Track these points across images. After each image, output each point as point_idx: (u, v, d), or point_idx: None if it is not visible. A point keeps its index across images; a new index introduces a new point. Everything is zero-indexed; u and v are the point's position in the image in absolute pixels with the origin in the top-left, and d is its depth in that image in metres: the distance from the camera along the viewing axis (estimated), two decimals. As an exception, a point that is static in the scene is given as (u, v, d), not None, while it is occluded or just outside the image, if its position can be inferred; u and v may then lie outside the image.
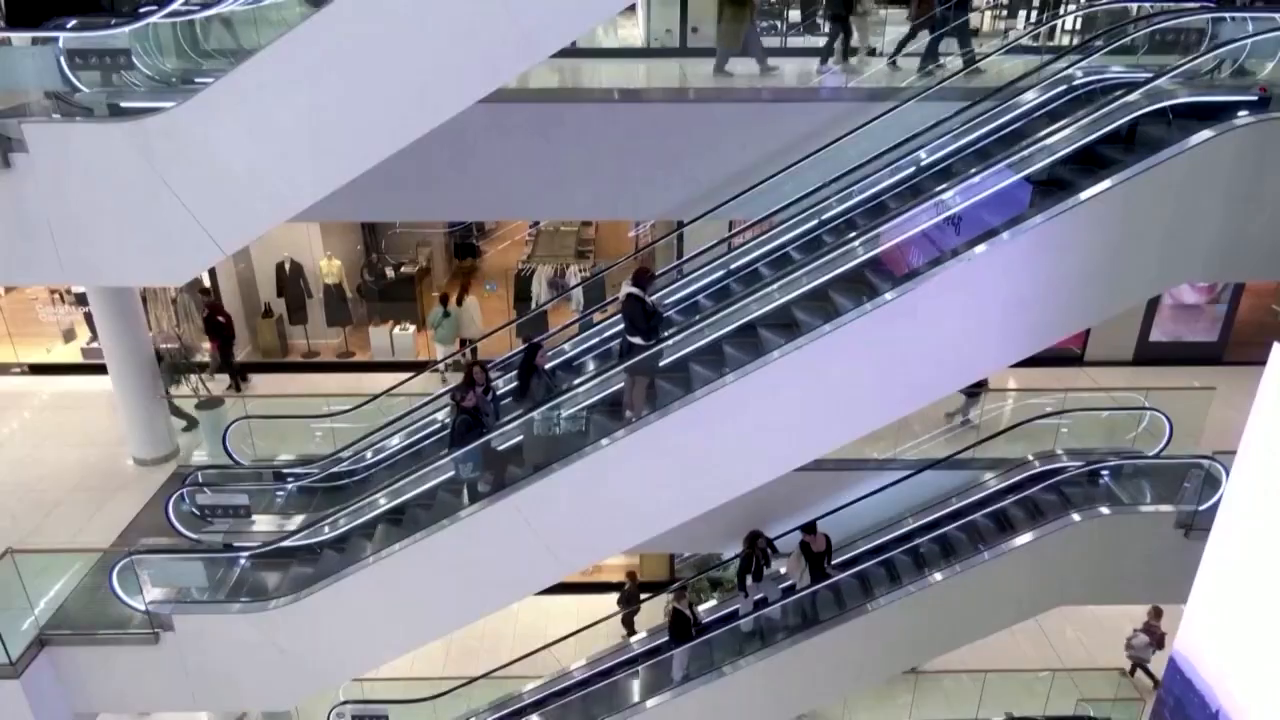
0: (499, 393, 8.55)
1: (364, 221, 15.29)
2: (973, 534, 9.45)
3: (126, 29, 6.65)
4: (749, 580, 9.25)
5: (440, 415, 9.60)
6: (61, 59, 6.52)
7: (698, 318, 7.85)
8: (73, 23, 7.23)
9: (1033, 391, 10.51)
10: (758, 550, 9.19)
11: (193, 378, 12.17)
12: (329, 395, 10.69)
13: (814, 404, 7.10)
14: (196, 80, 7.24)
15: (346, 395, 10.35)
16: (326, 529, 8.73)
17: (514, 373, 8.39)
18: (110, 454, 10.91)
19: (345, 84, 5.97)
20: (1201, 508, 8.50)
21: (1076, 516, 8.88)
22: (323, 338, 14.65)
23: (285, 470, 9.92)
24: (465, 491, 7.90)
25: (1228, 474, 5.65)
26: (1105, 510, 8.89)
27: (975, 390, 10.19)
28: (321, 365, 14.37)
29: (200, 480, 9.46)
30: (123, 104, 6.91)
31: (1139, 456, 9.68)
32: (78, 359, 13.88)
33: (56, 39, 6.59)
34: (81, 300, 13.33)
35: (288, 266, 14.02)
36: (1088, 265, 6.58)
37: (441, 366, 12.47)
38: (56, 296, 14.37)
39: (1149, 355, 13.78)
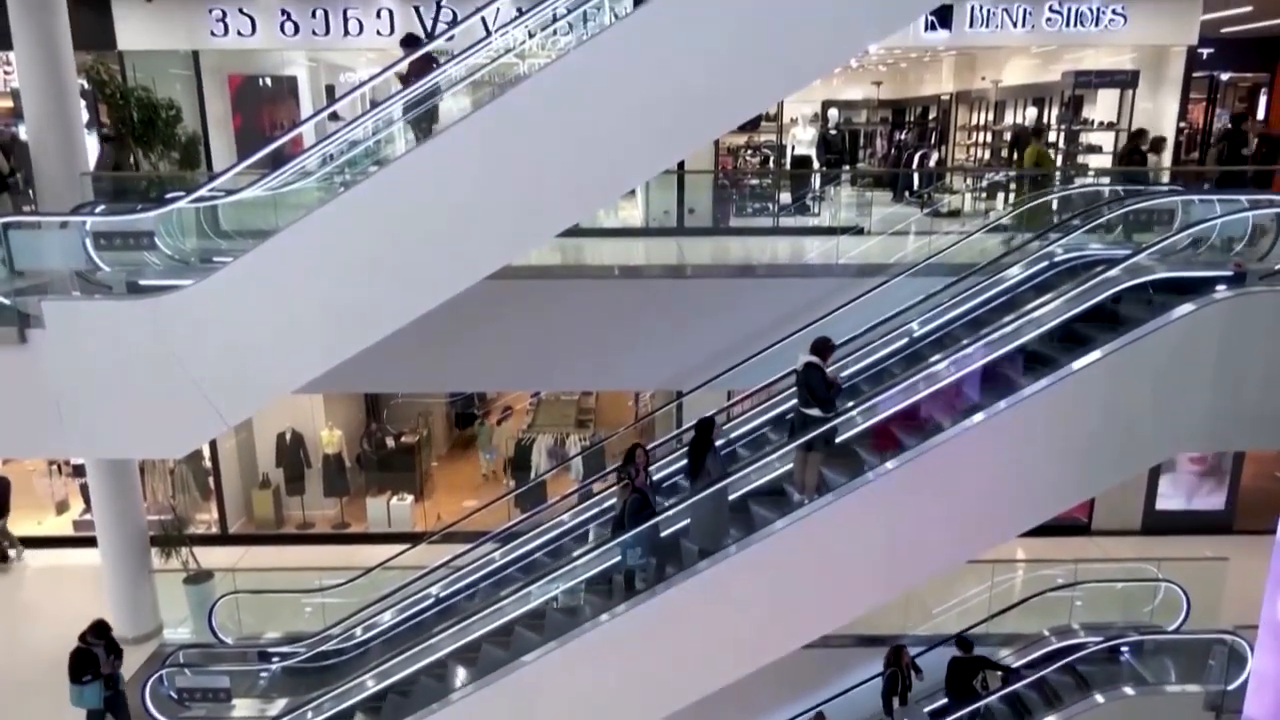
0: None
1: (367, 392, 15.47)
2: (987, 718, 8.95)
3: (153, 214, 7.00)
4: (895, 703, 8.52)
5: (434, 589, 9.35)
6: (87, 241, 6.83)
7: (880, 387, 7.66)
8: (101, 207, 7.66)
9: (1042, 562, 10.27)
10: (903, 667, 8.50)
11: (183, 550, 11.90)
12: (321, 569, 10.44)
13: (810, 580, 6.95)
14: (215, 259, 7.55)
15: (339, 569, 10.10)
16: (310, 714, 8.27)
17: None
18: (91, 632, 10.48)
19: (357, 262, 6.22)
20: (1230, 687, 8.10)
21: (1100, 698, 8.44)
22: (319, 508, 14.45)
23: (271, 650, 9.52)
24: (623, 581, 7.44)
25: (1252, 651, 5.43)
26: (1130, 691, 8.47)
27: None
28: (316, 537, 14.10)
29: (181, 660, 9.06)
30: (141, 281, 7.17)
31: (1159, 632, 9.32)
32: (68, 531, 13.65)
33: (84, 222, 6.95)
34: (79, 471, 13.27)
35: (289, 436, 14.05)
36: (1085, 435, 6.63)
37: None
38: (55, 468, 14.32)
39: (1157, 524, 13.56)
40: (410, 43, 8.01)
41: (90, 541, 10.92)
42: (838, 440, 7.29)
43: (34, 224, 7.18)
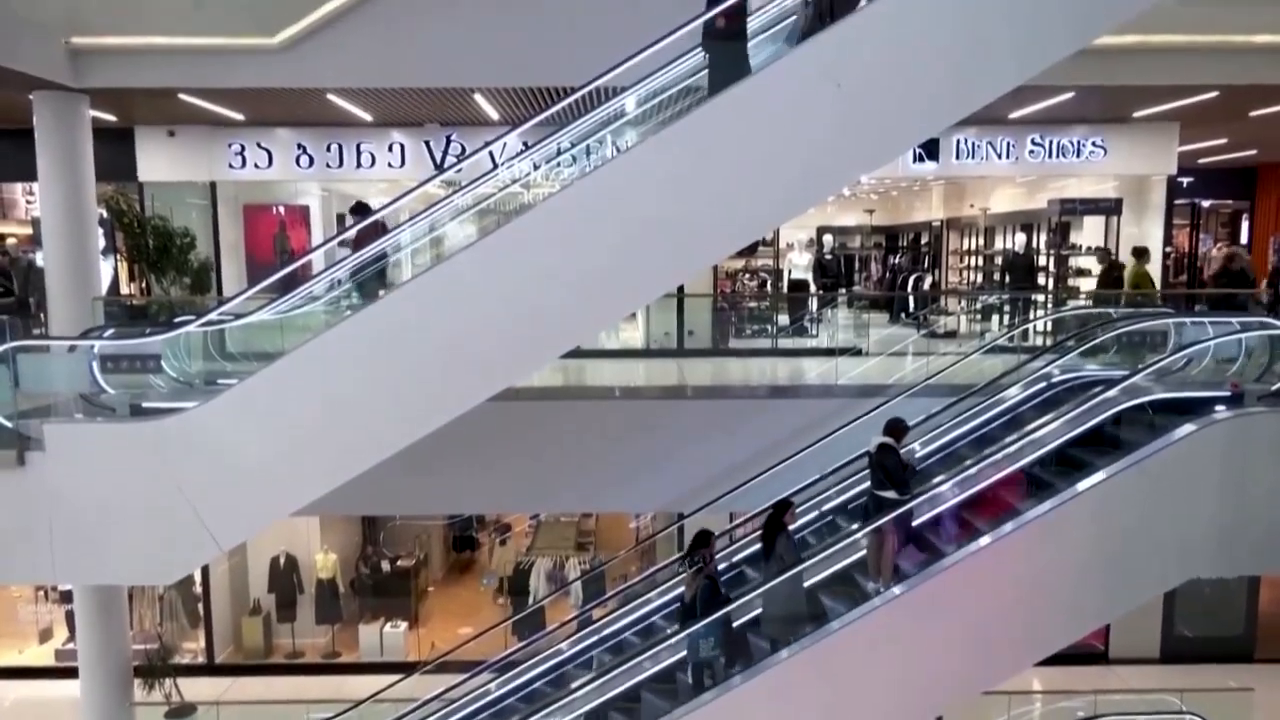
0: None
1: (364, 514, 15.27)
2: None
3: (161, 337, 7.10)
4: None
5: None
6: (94, 364, 6.89)
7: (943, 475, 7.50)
8: (110, 331, 7.78)
9: (1061, 694, 9.88)
10: None
11: (167, 682, 11.47)
12: (309, 701, 10.03)
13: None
14: (219, 381, 7.59)
15: (327, 701, 9.70)
16: None
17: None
18: (63, 772, 10.00)
19: (357, 386, 6.24)
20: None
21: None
22: (310, 636, 14.00)
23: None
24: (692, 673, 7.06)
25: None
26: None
27: None
28: (305, 667, 13.60)
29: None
30: (144, 404, 7.18)
31: (1189, 770, 8.89)
32: (50, 661, 13.19)
33: (91, 346, 7.05)
34: (66, 597, 12.92)
35: (282, 560, 13.76)
36: (1091, 559, 6.50)
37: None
38: (41, 593, 13.96)
39: (1176, 652, 13.11)
40: (359, 210, 8.45)
41: (71, 673, 10.51)
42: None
43: (43, 348, 7.27)
